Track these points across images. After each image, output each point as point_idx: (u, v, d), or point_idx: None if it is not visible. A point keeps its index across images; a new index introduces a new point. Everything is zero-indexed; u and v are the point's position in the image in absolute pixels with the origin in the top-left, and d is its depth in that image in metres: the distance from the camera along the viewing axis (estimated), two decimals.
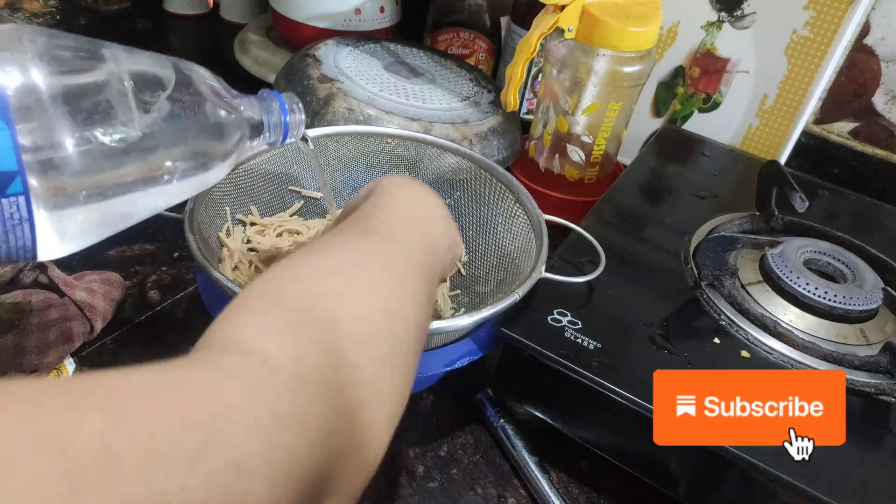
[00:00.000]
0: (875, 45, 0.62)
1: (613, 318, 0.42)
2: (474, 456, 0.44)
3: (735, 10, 0.63)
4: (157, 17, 1.02)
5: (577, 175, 0.64)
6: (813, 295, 0.43)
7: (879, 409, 0.38)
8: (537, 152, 0.66)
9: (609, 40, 0.56)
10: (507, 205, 0.49)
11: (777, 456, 0.34)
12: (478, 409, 0.47)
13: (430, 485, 0.42)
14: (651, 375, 0.38)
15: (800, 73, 0.62)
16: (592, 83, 0.59)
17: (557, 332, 0.40)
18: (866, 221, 0.57)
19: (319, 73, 0.62)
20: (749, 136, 0.67)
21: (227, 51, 0.91)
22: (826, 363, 0.40)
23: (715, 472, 0.37)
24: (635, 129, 0.70)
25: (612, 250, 0.45)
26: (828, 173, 0.68)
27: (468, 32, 0.79)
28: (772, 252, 0.46)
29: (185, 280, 0.54)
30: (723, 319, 0.43)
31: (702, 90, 0.67)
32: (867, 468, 0.34)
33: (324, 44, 0.68)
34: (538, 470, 0.42)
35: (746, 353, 0.41)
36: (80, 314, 0.45)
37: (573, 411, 0.42)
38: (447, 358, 0.40)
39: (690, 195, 0.57)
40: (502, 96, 0.61)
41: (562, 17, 0.55)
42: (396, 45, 0.73)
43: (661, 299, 0.44)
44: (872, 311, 0.43)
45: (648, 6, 0.57)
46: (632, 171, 0.60)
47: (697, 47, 0.66)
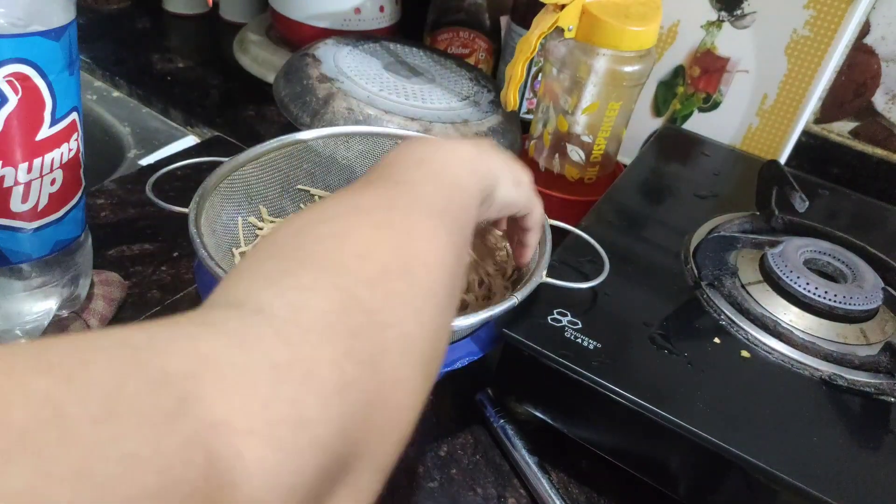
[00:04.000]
0: (875, 45, 0.62)
1: (613, 318, 0.42)
2: (474, 456, 0.44)
3: (735, 9, 0.63)
4: (157, 16, 1.02)
5: (577, 175, 0.64)
6: (813, 295, 0.43)
7: (879, 409, 0.38)
8: (537, 152, 0.66)
9: (609, 40, 0.55)
10: None
11: (777, 456, 0.34)
12: (478, 409, 0.46)
13: (429, 485, 0.42)
14: (651, 375, 0.38)
15: (800, 73, 0.62)
16: (592, 83, 0.59)
17: (557, 332, 0.40)
18: (866, 221, 0.57)
19: (319, 72, 0.62)
20: (749, 135, 0.67)
21: (226, 50, 0.91)
22: (826, 363, 0.40)
23: (715, 472, 0.37)
24: (635, 129, 0.70)
25: (613, 250, 0.45)
26: (828, 173, 0.68)
27: (468, 32, 0.79)
28: (772, 252, 0.46)
29: (185, 280, 0.54)
30: (723, 319, 0.43)
31: (702, 90, 0.67)
32: (867, 468, 0.34)
33: (323, 43, 0.68)
34: (538, 470, 0.42)
35: (746, 353, 0.41)
36: (76, 315, 0.45)
37: (573, 411, 0.42)
38: (447, 358, 0.40)
39: (690, 195, 0.57)
40: (502, 96, 0.61)
41: (562, 16, 0.55)
42: (396, 44, 0.73)
43: (661, 299, 0.44)
44: (872, 310, 0.43)
45: (648, 5, 0.57)
46: (632, 170, 0.60)
47: (697, 47, 0.66)
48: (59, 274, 0.43)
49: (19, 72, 0.35)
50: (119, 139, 0.76)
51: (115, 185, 0.64)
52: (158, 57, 0.90)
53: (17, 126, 0.36)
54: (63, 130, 0.39)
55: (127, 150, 0.74)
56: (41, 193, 0.39)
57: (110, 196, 0.62)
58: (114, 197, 0.62)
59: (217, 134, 0.75)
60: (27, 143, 0.37)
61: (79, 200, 0.43)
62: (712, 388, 0.38)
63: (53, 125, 0.38)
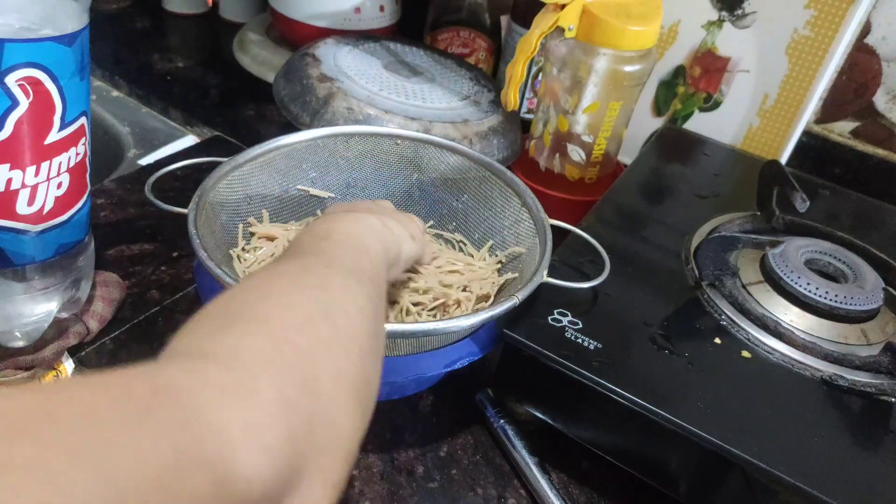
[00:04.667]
0: (876, 45, 0.62)
1: (614, 319, 0.42)
2: (474, 456, 0.44)
3: (736, 9, 0.63)
4: (157, 16, 1.02)
5: (578, 174, 0.64)
6: (814, 295, 0.43)
7: (880, 410, 0.38)
8: (537, 152, 0.66)
9: (609, 39, 0.55)
10: (514, 209, 0.49)
11: (777, 456, 0.34)
12: (478, 410, 0.46)
13: (430, 485, 0.42)
14: (652, 375, 0.38)
15: (801, 73, 0.62)
16: (593, 82, 0.58)
17: (558, 333, 0.40)
18: (867, 221, 0.57)
19: (319, 72, 0.62)
20: (750, 135, 0.67)
21: (226, 50, 0.91)
22: (827, 363, 0.40)
23: (715, 472, 0.37)
24: (636, 129, 0.70)
25: (613, 250, 0.45)
26: (829, 173, 0.68)
27: (468, 31, 0.79)
28: (773, 252, 0.46)
29: (185, 280, 0.54)
30: (723, 319, 0.43)
31: (702, 89, 0.67)
32: (867, 468, 0.34)
33: (323, 43, 0.68)
34: (538, 470, 0.42)
35: (747, 354, 0.41)
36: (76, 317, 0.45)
37: (573, 411, 0.42)
38: (447, 358, 0.40)
39: (691, 195, 0.57)
40: (502, 95, 0.61)
41: (562, 15, 0.55)
42: (396, 44, 0.73)
43: (661, 299, 0.44)
44: (873, 311, 0.43)
45: (649, 5, 0.57)
46: (632, 170, 0.60)
47: (698, 46, 0.66)
48: (61, 277, 0.43)
49: (31, 76, 0.35)
50: (119, 139, 0.76)
51: (114, 185, 0.64)
52: (158, 57, 0.90)
53: (27, 129, 0.36)
54: (72, 134, 0.39)
55: (126, 150, 0.74)
56: (47, 197, 0.39)
57: (110, 196, 0.62)
58: (113, 197, 0.62)
59: (217, 134, 0.75)
60: (36, 147, 0.37)
61: (84, 204, 0.43)
62: (713, 388, 0.38)
63: (63, 129, 0.38)
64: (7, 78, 0.34)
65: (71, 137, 0.39)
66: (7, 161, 0.36)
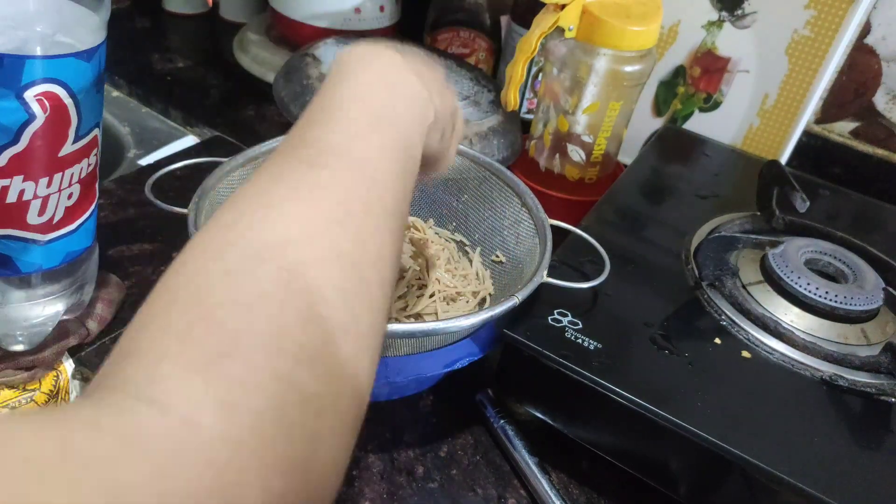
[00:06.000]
0: (876, 45, 0.62)
1: (614, 319, 0.42)
2: (474, 456, 0.44)
3: (736, 9, 0.63)
4: (157, 16, 1.02)
5: (578, 175, 0.64)
6: (814, 295, 0.43)
7: (880, 410, 0.38)
8: (537, 152, 0.66)
9: (609, 40, 0.55)
10: (514, 209, 0.49)
11: (777, 456, 0.34)
12: (478, 410, 0.46)
13: (429, 485, 0.42)
14: (652, 376, 0.38)
15: (801, 73, 0.62)
16: (593, 82, 0.58)
17: (558, 333, 0.40)
18: (867, 221, 0.57)
19: (319, 72, 0.62)
20: (750, 135, 0.67)
21: (226, 50, 0.91)
22: (827, 363, 0.40)
23: (715, 472, 0.37)
24: (636, 129, 0.70)
25: (613, 250, 0.45)
26: (829, 173, 0.68)
27: (468, 31, 0.79)
28: (773, 252, 0.46)
29: None
30: (724, 320, 0.43)
31: (702, 90, 0.67)
32: (867, 468, 0.34)
33: (323, 43, 0.68)
34: (538, 470, 0.42)
35: (747, 354, 0.41)
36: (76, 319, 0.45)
37: (573, 412, 0.42)
38: (447, 358, 0.40)
39: (691, 195, 0.57)
40: (502, 96, 0.61)
41: (562, 16, 0.55)
42: (396, 44, 0.73)
43: (661, 299, 0.44)
44: (873, 311, 0.43)
45: (649, 5, 0.57)
46: (632, 170, 0.60)
47: (698, 47, 0.66)
48: (66, 283, 0.43)
49: (50, 91, 0.35)
50: (119, 139, 0.76)
51: (114, 185, 0.64)
52: (158, 57, 0.89)
53: (42, 143, 0.36)
54: (85, 146, 0.39)
55: (126, 150, 0.74)
56: (58, 207, 0.39)
57: (110, 196, 0.62)
58: (113, 197, 0.62)
59: (217, 134, 0.75)
60: (50, 159, 0.37)
61: (91, 212, 0.42)
62: (713, 388, 0.38)
63: (76, 141, 0.38)
64: (26, 93, 0.34)
65: (84, 149, 0.39)
66: (21, 173, 0.36)
